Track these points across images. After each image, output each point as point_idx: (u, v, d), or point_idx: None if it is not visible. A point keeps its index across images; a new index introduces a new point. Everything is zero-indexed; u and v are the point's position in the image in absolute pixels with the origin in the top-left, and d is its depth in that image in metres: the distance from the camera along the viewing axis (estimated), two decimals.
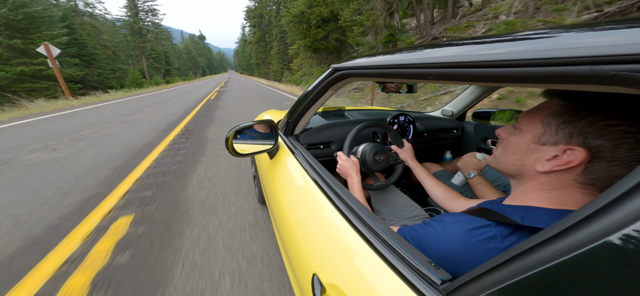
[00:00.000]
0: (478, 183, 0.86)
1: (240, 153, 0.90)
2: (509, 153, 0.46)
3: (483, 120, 1.37)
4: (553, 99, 0.40)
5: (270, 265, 1.34)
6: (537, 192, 0.42)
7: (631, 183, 0.19)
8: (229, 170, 2.56)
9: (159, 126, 4.87)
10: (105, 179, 2.43)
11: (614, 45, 0.21)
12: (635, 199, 0.19)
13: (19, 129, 4.93)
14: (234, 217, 1.76)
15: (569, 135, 0.36)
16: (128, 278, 1.26)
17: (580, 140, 0.35)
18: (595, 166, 0.35)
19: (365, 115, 1.51)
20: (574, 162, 0.36)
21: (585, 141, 0.35)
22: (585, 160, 0.35)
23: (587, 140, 0.35)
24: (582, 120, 0.35)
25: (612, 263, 0.19)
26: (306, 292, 0.59)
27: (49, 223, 1.72)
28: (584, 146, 0.35)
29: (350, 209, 0.56)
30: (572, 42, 0.24)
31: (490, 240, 0.39)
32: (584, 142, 0.35)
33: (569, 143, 0.36)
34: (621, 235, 0.18)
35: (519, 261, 0.25)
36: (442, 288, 0.34)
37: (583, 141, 0.35)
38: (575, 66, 0.24)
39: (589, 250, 0.20)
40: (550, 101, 0.41)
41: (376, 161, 0.92)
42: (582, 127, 0.35)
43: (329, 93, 0.82)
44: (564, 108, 0.38)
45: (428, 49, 0.43)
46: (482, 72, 0.32)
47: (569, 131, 0.36)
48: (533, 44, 0.28)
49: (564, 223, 0.22)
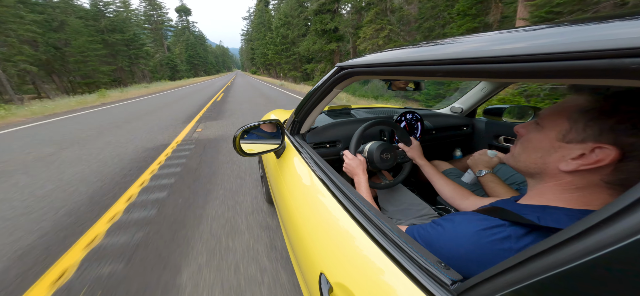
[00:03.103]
0: (490, 181, 0.84)
1: (248, 153, 0.91)
2: (529, 151, 0.44)
3: (495, 117, 1.33)
4: (580, 94, 0.38)
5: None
6: (557, 192, 0.40)
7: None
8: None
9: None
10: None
11: (636, 37, 0.20)
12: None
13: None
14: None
15: (599, 132, 0.34)
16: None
17: (611, 138, 0.33)
18: (627, 165, 0.33)
19: (372, 113, 1.49)
20: (604, 161, 0.34)
21: (617, 139, 0.33)
22: (616, 159, 0.33)
23: (619, 137, 0.33)
24: (613, 116, 0.33)
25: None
26: (314, 291, 0.58)
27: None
28: (616, 144, 0.33)
29: (357, 208, 0.55)
30: (590, 34, 0.23)
31: (504, 241, 0.38)
32: (615, 139, 0.33)
33: (599, 141, 0.34)
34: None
35: (536, 262, 0.23)
36: (452, 289, 0.33)
37: (615, 139, 0.33)
38: (594, 60, 0.22)
39: (614, 251, 0.18)
40: (576, 96, 0.39)
41: (383, 159, 0.91)
42: (613, 124, 0.33)
43: (334, 91, 0.81)
44: (593, 104, 0.35)
45: (436, 44, 0.42)
46: (496, 68, 0.31)
47: (599, 128, 0.34)
48: (550, 37, 0.26)
49: (586, 222, 0.21)
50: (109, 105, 9.35)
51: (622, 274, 0.18)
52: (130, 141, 3.91)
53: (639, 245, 0.17)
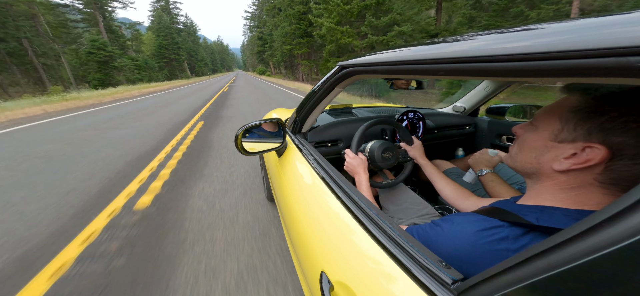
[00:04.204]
0: (490, 180, 0.83)
1: (249, 152, 0.91)
2: (525, 151, 0.45)
3: (498, 116, 1.32)
4: (572, 94, 0.38)
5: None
6: (554, 192, 0.40)
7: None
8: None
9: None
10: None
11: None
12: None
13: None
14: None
15: (588, 131, 0.35)
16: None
17: (600, 137, 0.33)
18: (617, 164, 0.33)
19: (374, 112, 1.49)
20: (594, 160, 0.34)
21: (606, 138, 0.33)
22: (605, 158, 0.33)
23: (608, 137, 0.33)
24: (602, 115, 0.33)
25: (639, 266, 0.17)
26: (315, 290, 0.59)
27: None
28: (604, 143, 0.33)
29: (358, 207, 0.56)
30: (594, 32, 0.23)
31: (501, 241, 0.38)
32: (604, 139, 0.33)
33: (588, 140, 0.35)
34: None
35: (537, 262, 0.24)
36: (453, 288, 0.33)
37: (603, 138, 0.33)
38: (598, 58, 0.22)
39: (614, 252, 0.18)
40: (569, 96, 0.39)
41: (384, 158, 0.90)
42: (602, 123, 0.33)
43: (336, 91, 0.81)
44: (582, 104, 0.36)
45: (438, 43, 0.42)
46: (498, 66, 0.31)
47: (588, 127, 0.35)
48: (554, 35, 0.26)
49: (586, 223, 0.21)
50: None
51: (623, 275, 0.18)
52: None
53: (638, 246, 0.17)
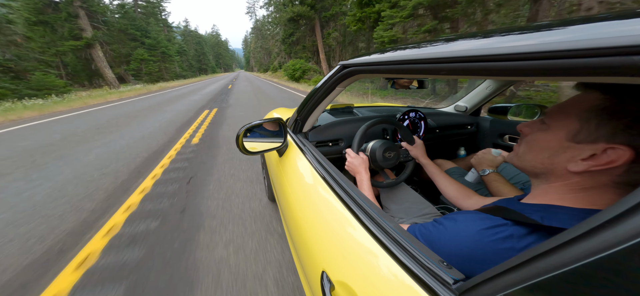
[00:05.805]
0: (493, 180, 0.83)
1: (250, 151, 0.92)
2: (535, 151, 0.43)
3: (500, 116, 1.31)
4: (590, 93, 0.37)
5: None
6: (562, 192, 0.39)
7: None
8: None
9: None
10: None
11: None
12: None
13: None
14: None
15: (612, 132, 0.33)
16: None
17: (625, 138, 0.32)
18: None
19: (375, 112, 1.49)
20: (617, 162, 0.33)
21: (632, 139, 0.32)
22: (629, 159, 0.32)
23: (634, 138, 0.32)
24: (627, 116, 0.32)
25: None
26: (315, 290, 0.59)
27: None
28: (630, 144, 0.32)
29: (359, 206, 0.55)
30: (600, 31, 0.23)
31: (505, 240, 0.38)
32: (630, 140, 0.32)
33: (612, 141, 0.33)
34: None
35: (540, 262, 0.23)
36: (454, 288, 0.33)
37: (629, 139, 0.32)
38: (604, 57, 0.22)
39: (619, 252, 0.18)
40: (586, 94, 0.37)
41: (386, 158, 0.90)
42: (627, 124, 0.32)
43: (337, 90, 0.81)
44: (605, 103, 0.34)
45: (440, 42, 0.42)
46: (502, 65, 0.30)
47: (612, 128, 0.33)
48: (557, 34, 0.26)
49: (590, 222, 0.21)
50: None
51: (627, 275, 0.18)
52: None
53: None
